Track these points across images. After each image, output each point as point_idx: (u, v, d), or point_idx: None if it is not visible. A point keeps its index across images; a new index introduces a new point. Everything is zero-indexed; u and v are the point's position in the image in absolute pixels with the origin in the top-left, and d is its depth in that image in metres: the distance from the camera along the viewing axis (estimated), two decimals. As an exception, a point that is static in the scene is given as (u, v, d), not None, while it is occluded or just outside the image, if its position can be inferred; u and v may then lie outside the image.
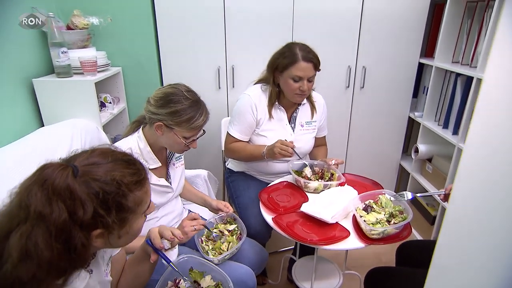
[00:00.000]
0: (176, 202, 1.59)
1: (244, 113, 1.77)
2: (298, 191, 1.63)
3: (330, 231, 1.38)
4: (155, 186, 1.42)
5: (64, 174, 0.70)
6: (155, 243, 0.96)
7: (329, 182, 1.63)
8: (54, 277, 0.69)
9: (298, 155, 1.69)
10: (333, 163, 1.71)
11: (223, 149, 2.15)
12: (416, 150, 2.43)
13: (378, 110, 2.50)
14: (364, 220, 1.38)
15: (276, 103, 1.80)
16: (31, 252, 0.66)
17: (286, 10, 2.17)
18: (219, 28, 2.19)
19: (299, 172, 1.71)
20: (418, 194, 1.52)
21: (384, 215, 1.40)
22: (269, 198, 1.61)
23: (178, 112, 1.30)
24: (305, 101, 1.86)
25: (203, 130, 1.44)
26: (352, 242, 1.35)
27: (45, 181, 0.68)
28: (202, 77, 2.28)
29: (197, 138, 1.42)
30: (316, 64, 1.66)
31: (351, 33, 2.28)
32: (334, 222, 1.42)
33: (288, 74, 1.68)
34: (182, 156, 1.57)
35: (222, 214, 1.56)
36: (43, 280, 0.68)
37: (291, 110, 1.86)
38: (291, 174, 1.72)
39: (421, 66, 2.47)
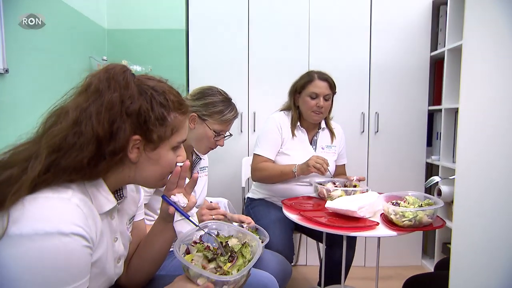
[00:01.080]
0: (194, 218, 1.57)
1: (271, 132, 1.85)
2: (321, 202, 1.62)
3: (357, 223, 1.33)
4: None
5: (125, 69, 0.78)
6: (172, 198, 0.91)
7: (352, 189, 1.62)
8: (92, 165, 0.71)
9: (330, 172, 1.72)
10: (354, 179, 1.72)
11: (243, 186, 2.21)
12: (439, 193, 2.36)
13: (394, 154, 2.53)
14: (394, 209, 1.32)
15: (298, 124, 1.90)
16: (82, 125, 0.70)
17: (302, 62, 2.45)
18: (243, 77, 2.46)
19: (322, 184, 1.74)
20: (451, 177, 1.48)
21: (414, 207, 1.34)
22: (292, 204, 1.60)
23: (212, 104, 1.39)
24: (323, 125, 1.95)
25: (230, 133, 1.52)
26: (382, 231, 1.27)
27: (108, 68, 0.76)
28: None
29: (225, 137, 1.48)
30: (331, 84, 1.82)
31: (362, 82, 2.48)
32: (361, 215, 1.36)
33: (305, 93, 1.83)
34: (206, 168, 1.60)
35: (244, 225, 1.51)
36: (82, 163, 0.70)
37: (312, 133, 1.94)
38: (313, 188, 1.74)
39: (430, 117, 2.58)
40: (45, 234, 0.62)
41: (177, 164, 0.86)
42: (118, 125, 0.72)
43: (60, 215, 0.65)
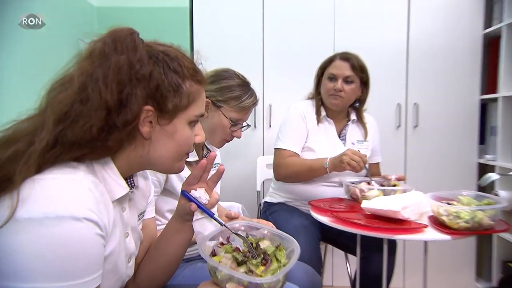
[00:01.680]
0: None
1: (295, 122, 1.87)
2: (354, 204, 1.62)
3: (401, 225, 1.32)
4: None
5: (132, 31, 0.80)
6: (194, 193, 0.93)
7: (392, 188, 1.61)
8: (101, 137, 0.74)
9: (366, 169, 1.69)
10: (393, 178, 1.71)
11: (258, 189, 2.22)
12: (495, 198, 2.32)
13: (437, 153, 2.51)
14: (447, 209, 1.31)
15: (324, 115, 1.91)
16: (89, 90, 0.73)
17: (326, 46, 2.46)
18: (257, 64, 2.47)
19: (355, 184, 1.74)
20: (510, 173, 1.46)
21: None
22: (321, 206, 1.61)
23: (228, 88, 1.41)
24: (353, 116, 1.96)
25: (247, 123, 1.53)
26: (432, 234, 1.26)
27: (114, 31, 0.79)
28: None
29: (243, 127, 1.50)
30: (354, 64, 1.81)
31: (398, 68, 2.49)
32: (406, 216, 1.35)
33: (325, 75, 1.87)
34: (219, 165, 1.62)
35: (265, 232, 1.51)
36: (92, 135, 0.72)
37: (340, 126, 1.95)
38: (343, 189, 1.74)
39: (483, 108, 2.55)
40: (56, 218, 0.64)
41: (198, 143, 0.90)
42: (128, 91, 0.74)
43: (72, 198, 0.67)
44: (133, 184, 0.89)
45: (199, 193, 0.92)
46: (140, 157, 0.82)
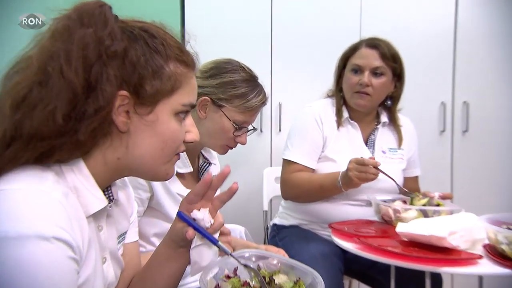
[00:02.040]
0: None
1: (307, 127, 1.86)
2: (387, 228, 1.60)
3: (448, 255, 1.28)
4: (180, 198, 1.41)
5: (101, 3, 0.81)
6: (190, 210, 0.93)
7: (434, 208, 1.57)
8: (69, 127, 0.75)
9: (385, 174, 1.66)
10: (436, 196, 1.66)
11: (265, 209, 2.20)
12: None
13: (493, 164, 2.47)
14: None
15: (347, 116, 1.89)
16: (49, 70, 0.74)
17: (351, 33, 2.41)
18: (263, 55, 2.46)
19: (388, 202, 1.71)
20: None
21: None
22: (344, 229, 1.58)
23: (231, 83, 1.42)
24: (384, 118, 1.93)
25: (254, 127, 1.53)
26: (489, 267, 1.21)
27: (79, 5, 0.80)
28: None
29: (249, 131, 1.50)
30: (384, 52, 1.79)
31: (443, 58, 2.45)
32: (454, 244, 1.30)
33: (348, 67, 1.85)
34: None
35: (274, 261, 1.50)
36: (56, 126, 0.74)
37: (368, 130, 1.93)
38: (373, 209, 1.69)
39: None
40: (19, 238, 0.64)
41: (188, 140, 0.89)
42: (97, 70, 0.76)
43: (38, 213, 0.67)
44: (111, 197, 0.90)
45: (202, 215, 0.92)
46: (118, 160, 0.82)
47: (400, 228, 1.40)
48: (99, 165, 0.81)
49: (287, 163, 1.86)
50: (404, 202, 1.67)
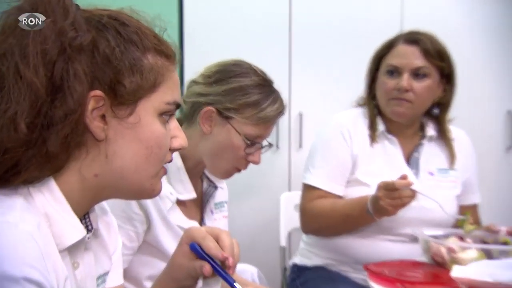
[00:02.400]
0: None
1: (332, 144, 1.87)
2: (438, 271, 1.57)
3: None
4: (181, 232, 1.39)
5: None
6: (209, 247, 0.95)
7: (501, 247, 1.54)
8: (35, 137, 0.76)
9: (424, 195, 1.64)
10: (502, 231, 1.64)
11: (282, 245, 2.18)
12: None
13: None
14: None
15: (383, 129, 1.88)
16: (3, 71, 0.76)
17: (389, 23, 2.41)
18: (280, 53, 2.48)
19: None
20: None
21: None
22: (383, 272, 1.55)
23: (242, 90, 1.42)
24: (431, 131, 1.91)
25: (270, 142, 1.53)
26: None
27: None
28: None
29: (263, 148, 1.51)
30: (428, 48, 1.77)
31: (507, 54, 2.45)
32: None
33: (382, 69, 1.84)
34: (226, 204, 1.67)
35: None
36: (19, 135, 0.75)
37: (410, 146, 1.91)
38: (420, 247, 1.67)
39: None
40: None
41: (174, 151, 0.92)
42: (61, 66, 0.77)
43: (4, 250, 0.68)
44: (90, 226, 0.91)
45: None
46: (96, 177, 0.83)
47: (457, 272, 1.37)
48: (74, 184, 0.82)
49: (307, 188, 1.86)
50: (461, 238, 1.64)
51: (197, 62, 2.22)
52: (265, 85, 1.46)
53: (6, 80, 0.75)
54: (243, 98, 1.41)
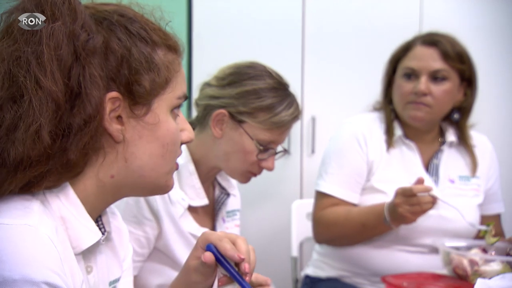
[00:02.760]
0: None
1: (346, 150, 1.86)
2: (460, 284, 1.55)
3: None
4: (192, 239, 1.41)
5: None
6: (226, 248, 0.94)
7: None
8: (56, 146, 0.77)
9: (444, 202, 1.62)
10: None
11: (294, 255, 2.14)
12: None
13: None
14: None
15: (400, 134, 1.85)
16: (20, 80, 0.75)
17: (408, 25, 2.37)
18: (293, 55, 2.46)
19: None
20: None
21: None
22: (402, 285, 1.52)
23: (256, 93, 1.43)
24: (452, 137, 1.88)
25: (285, 148, 1.54)
26: None
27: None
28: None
29: (277, 154, 1.50)
30: (447, 50, 1.75)
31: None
32: None
33: (399, 72, 1.83)
34: (238, 212, 1.68)
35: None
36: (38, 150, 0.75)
37: (429, 152, 1.88)
38: (441, 259, 1.63)
39: None
40: (3, 283, 0.67)
41: (183, 143, 0.93)
42: (77, 72, 0.77)
43: (26, 254, 0.70)
44: (103, 229, 0.93)
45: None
46: (112, 178, 0.85)
47: (480, 285, 1.33)
48: (91, 188, 0.84)
49: (320, 196, 1.85)
50: (484, 250, 1.61)
51: (206, 63, 2.22)
52: (280, 88, 1.47)
53: (25, 91, 0.75)
54: (257, 102, 1.42)
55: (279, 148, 1.51)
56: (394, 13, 2.45)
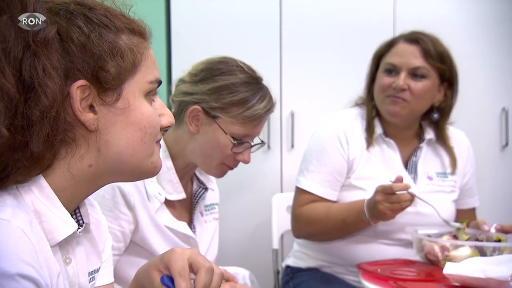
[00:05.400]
0: None
1: (327, 149, 1.87)
2: (432, 269, 1.60)
3: None
4: (169, 232, 1.45)
5: None
6: (179, 277, 0.91)
7: (493, 244, 1.56)
8: (18, 139, 0.75)
9: (421, 199, 1.68)
10: (493, 229, 1.66)
11: (275, 247, 2.19)
12: None
13: None
14: None
15: (381, 132, 1.89)
16: None
17: (384, 21, 2.43)
18: (271, 48, 2.49)
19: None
20: None
21: None
22: (376, 271, 1.57)
23: (228, 88, 1.45)
24: (430, 134, 1.92)
25: (262, 140, 1.55)
26: None
27: None
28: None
29: (253, 147, 1.53)
30: (428, 48, 1.79)
31: (498, 47, 2.47)
32: None
33: (381, 67, 1.86)
34: (217, 206, 1.69)
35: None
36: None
37: (408, 150, 1.93)
38: (413, 246, 1.70)
39: None
40: None
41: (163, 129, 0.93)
42: (28, 64, 0.76)
43: None
44: (81, 220, 0.92)
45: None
46: (90, 167, 0.85)
47: (449, 269, 1.38)
48: (65, 179, 0.83)
49: (299, 192, 1.88)
50: (455, 236, 1.66)
51: (185, 61, 2.23)
52: (252, 82, 1.48)
53: None
54: (229, 97, 1.43)
55: (257, 141, 1.52)
56: (369, 9, 2.47)
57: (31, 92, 0.76)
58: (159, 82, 0.91)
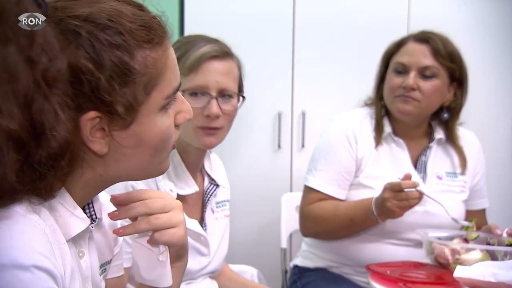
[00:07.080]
0: (211, 285, 1.60)
1: (336, 148, 1.88)
2: (442, 272, 1.60)
3: None
4: None
5: (21, 2, 0.73)
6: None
7: (505, 248, 1.57)
8: (27, 179, 0.74)
9: (430, 197, 1.68)
10: (505, 233, 1.66)
11: (283, 246, 2.20)
12: None
13: None
14: None
15: (390, 131, 1.90)
16: None
17: (398, 21, 2.44)
18: (283, 47, 2.49)
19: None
20: None
21: None
22: (385, 273, 1.58)
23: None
24: (440, 134, 1.92)
25: (244, 96, 1.53)
26: None
27: None
28: (254, 129, 2.47)
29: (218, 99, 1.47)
30: (438, 48, 1.79)
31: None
32: None
33: (391, 67, 1.87)
34: (228, 203, 1.70)
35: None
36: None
37: (417, 149, 1.93)
38: (423, 249, 1.69)
39: None
40: None
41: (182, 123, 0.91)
42: (39, 107, 0.72)
43: (15, 238, 0.70)
44: (94, 215, 0.92)
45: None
46: (101, 176, 0.84)
47: (459, 272, 1.38)
48: (77, 186, 0.83)
49: (308, 191, 1.88)
50: (465, 240, 1.66)
51: None
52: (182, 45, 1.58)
53: None
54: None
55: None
56: (383, 8, 2.48)
57: (42, 136, 0.73)
58: (178, 88, 0.87)
